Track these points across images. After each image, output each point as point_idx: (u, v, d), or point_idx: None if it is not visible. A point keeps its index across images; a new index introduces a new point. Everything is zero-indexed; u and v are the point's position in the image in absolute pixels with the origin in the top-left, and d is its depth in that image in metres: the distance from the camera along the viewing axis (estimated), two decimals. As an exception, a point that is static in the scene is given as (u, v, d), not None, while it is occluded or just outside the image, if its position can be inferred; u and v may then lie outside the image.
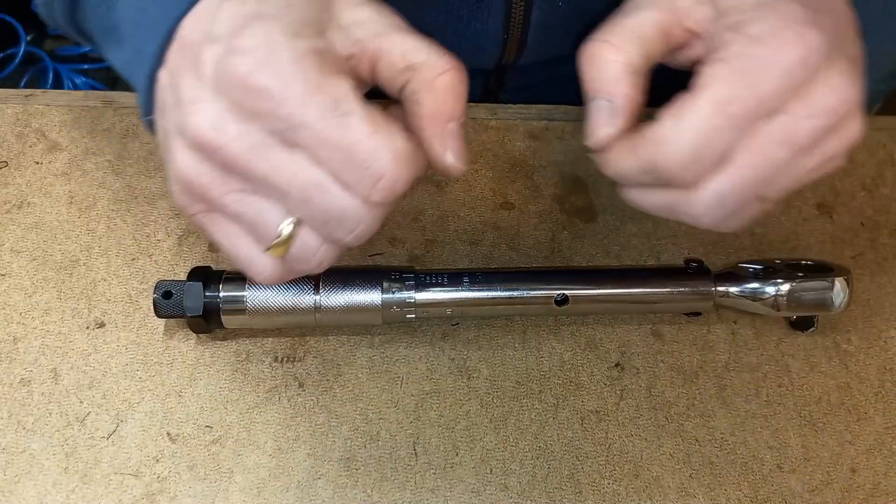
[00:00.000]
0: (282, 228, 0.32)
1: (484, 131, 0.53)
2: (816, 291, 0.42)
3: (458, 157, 0.33)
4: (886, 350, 0.46)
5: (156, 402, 0.43)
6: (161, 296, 0.41)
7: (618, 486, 0.41)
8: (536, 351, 0.45)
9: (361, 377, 0.44)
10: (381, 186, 0.30)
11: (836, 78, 0.31)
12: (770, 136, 0.31)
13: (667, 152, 0.31)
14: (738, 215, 0.33)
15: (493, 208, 0.50)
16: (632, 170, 0.34)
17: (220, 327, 0.42)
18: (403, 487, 0.41)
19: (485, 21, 0.49)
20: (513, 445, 0.42)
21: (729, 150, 0.31)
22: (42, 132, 0.51)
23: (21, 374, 0.43)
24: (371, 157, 0.30)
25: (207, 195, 0.32)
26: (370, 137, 0.30)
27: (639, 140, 0.33)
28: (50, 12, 0.40)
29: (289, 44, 0.29)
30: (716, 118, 0.30)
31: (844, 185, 0.52)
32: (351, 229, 0.31)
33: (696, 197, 0.32)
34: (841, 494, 0.42)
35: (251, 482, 0.41)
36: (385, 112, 0.32)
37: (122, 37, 0.37)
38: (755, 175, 0.32)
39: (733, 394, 0.45)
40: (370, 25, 0.33)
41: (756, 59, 0.30)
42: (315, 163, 0.30)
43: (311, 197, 0.31)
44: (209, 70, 0.30)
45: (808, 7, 0.31)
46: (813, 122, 0.31)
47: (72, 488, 0.40)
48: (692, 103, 0.31)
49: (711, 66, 0.31)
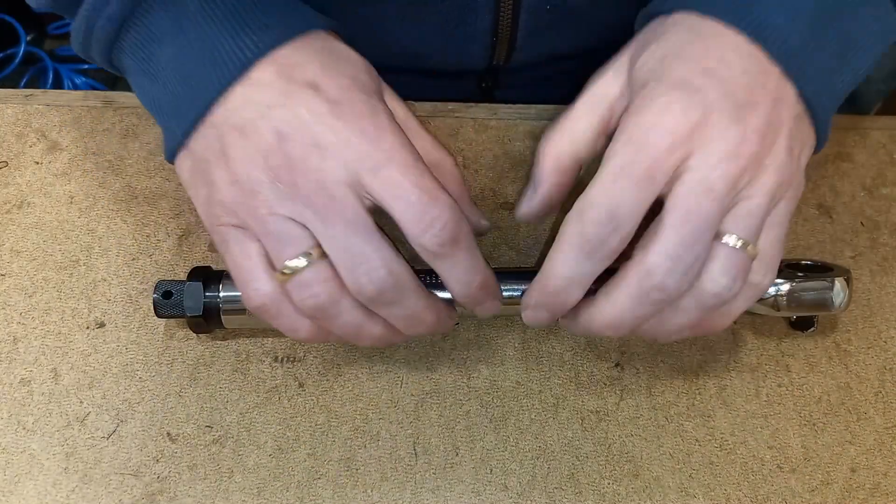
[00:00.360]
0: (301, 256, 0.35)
1: (484, 131, 0.53)
2: (816, 291, 0.42)
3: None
4: (886, 350, 0.47)
5: (156, 402, 0.43)
6: (161, 296, 0.41)
7: (618, 486, 0.42)
8: (536, 351, 0.45)
9: (361, 377, 0.44)
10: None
11: (724, 133, 0.33)
12: (688, 185, 0.33)
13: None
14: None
15: (493, 208, 0.50)
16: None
17: (221, 327, 0.42)
18: (403, 487, 0.41)
19: (473, 23, 0.49)
20: (513, 445, 0.42)
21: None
22: (42, 132, 0.51)
23: (21, 374, 0.43)
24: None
25: (250, 212, 0.35)
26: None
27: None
28: (86, 53, 0.41)
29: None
30: (616, 184, 0.33)
31: (844, 185, 0.52)
32: (369, 271, 0.34)
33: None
34: (841, 494, 0.42)
35: (251, 482, 0.41)
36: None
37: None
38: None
39: (733, 394, 0.45)
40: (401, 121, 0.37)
41: (637, 127, 0.34)
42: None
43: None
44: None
45: (694, 71, 0.34)
46: (721, 170, 0.33)
47: (72, 488, 0.40)
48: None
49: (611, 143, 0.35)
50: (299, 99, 0.34)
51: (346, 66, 0.37)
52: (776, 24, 0.35)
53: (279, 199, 0.34)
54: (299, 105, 0.34)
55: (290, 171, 0.34)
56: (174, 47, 0.36)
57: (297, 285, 0.35)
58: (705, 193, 0.33)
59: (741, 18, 0.35)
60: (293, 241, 0.34)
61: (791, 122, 0.35)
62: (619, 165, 0.33)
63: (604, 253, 0.34)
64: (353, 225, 0.34)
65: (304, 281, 0.35)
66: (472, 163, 0.51)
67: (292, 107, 0.34)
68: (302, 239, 0.34)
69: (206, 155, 0.36)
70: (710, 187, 0.33)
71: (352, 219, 0.34)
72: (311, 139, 0.34)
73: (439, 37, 0.51)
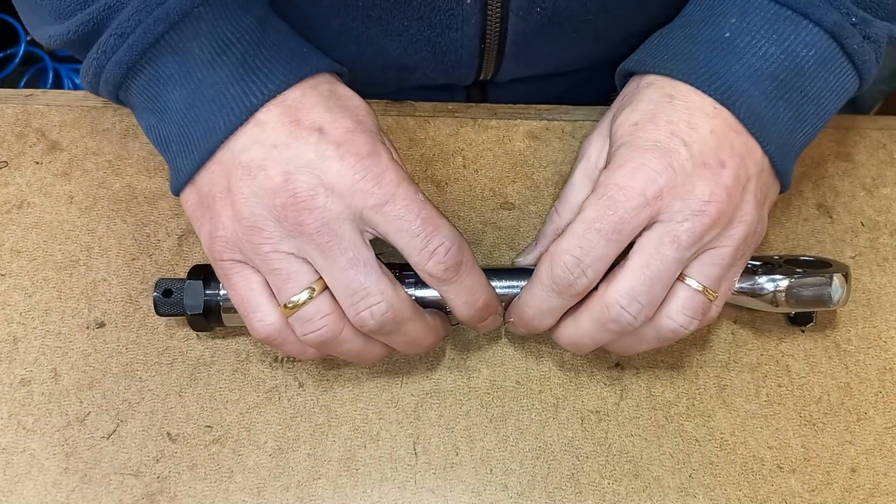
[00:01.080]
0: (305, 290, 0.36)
1: (484, 131, 0.53)
2: (815, 287, 0.42)
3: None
4: (886, 350, 0.47)
5: (156, 402, 0.43)
6: (161, 294, 0.41)
7: (618, 486, 0.42)
8: (536, 351, 0.45)
9: (361, 377, 0.44)
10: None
11: (698, 185, 0.36)
12: (656, 234, 0.37)
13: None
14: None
15: (493, 208, 0.50)
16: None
17: (221, 325, 0.42)
18: (403, 487, 0.41)
19: (459, 29, 0.49)
20: (513, 445, 0.42)
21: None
22: (42, 132, 0.51)
23: (21, 374, 0.43)
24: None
25: (252, 250, 0.37)
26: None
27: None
28: (95, 90, 0.42)
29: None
30: (586, 234, 0.36)
31: (844, 185, 0.52)
32: (370, 305, 0.36)
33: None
34: (841, 494, 0.42)
35: (251, 482, 0.41)
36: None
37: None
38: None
39: (733, 394, 0.45)
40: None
41: (609, 186, 0.37)
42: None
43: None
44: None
45: (665, 134, 0.37)
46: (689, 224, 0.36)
47: (72, 488, 0.40)
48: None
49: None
50: (306, 141, 0.36)
51: (348, 108, 0.38)
52: (742, 88, 0.38)
53: (282, 236, 0.36)
54: (306, 147, 0.36)
55: (296, 210, 0.35)
56: (182, 90, 0.38)
57: (299, 320, 0.37)
58: (670, 244, 0.36)
59: (710, 84, 0.38)
60: (296, 277, 0.36)
61: (756, 176, 0.38)
62: (591, 218, 0.36)
63: (571, 293, 0.37)
64: (354, 261, 0.36)
65: (307, 315, 0.36)
66: (472, 163, 0.51)
67: (299, 148, 0.36)
68: (304, 274, 0.36)
69: (212, 191, 0.37)
70: (675, 239, 0.36)
71: (353, 255, 0.36)
72: (317, 179, 0.35)
73: (425, 45, 0.50)
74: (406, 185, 0.36)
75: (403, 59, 0.51)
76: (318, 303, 0.36)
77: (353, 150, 0.36)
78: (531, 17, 0.48)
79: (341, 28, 0.48)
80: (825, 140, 0.54)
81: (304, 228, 0.35)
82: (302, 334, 0.37)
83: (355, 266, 0.36)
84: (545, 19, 0.48)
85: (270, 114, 0.37)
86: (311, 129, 0.36)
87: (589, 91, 0.61)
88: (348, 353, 0.39)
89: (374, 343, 0.39)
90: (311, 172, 0.35)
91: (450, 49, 0.50)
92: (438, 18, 0.48)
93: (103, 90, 0.40)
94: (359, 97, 0.40)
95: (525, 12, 0.47)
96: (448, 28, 0.49)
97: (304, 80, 0.38)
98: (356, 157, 0.36)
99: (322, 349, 0.38)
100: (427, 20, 0.48)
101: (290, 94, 0.37)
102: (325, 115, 0.37)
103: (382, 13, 0.48)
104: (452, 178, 0.51)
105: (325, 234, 0.35)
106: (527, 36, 0.50)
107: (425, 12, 0.47)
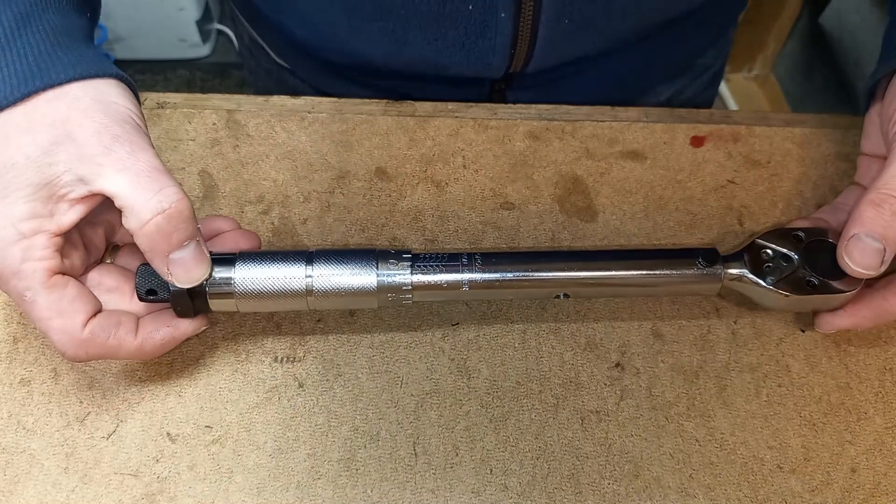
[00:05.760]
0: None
1: (484, 131, 0.53)
2: (825, 303, 0.43)
3: (187, 280, 0.38)
4: (886, 350, 0.47)
5: (156, 402, 0.43)
6: (142, 277, 0.39)
7: (618, 486, 0.41)
8: (536, 351, 0.45)
9: (361, 377, 0.44)
10: (67, 356, 0.38)
11: None
12: None
13: None
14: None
15: (493, 208, 0.50)
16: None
17: (208, 311, 0.41)
18: (403, 487, 0.41)
19: (492, 38, 0.53)
20: (513, 445, 0.42)
21: None
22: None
23: (21, 374, 0.43)
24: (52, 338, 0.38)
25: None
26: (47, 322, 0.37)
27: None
28: None
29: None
30: None
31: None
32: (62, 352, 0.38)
33: None
34: (841, 494, 0.42)
35: (251, 482, 0.41)
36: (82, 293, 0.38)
37: None
38: None
39: (733, 394, 0.45)
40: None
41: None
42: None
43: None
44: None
45: None
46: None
47: (72, 488, 0.40)
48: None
49: None
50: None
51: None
52: None
53: None
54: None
55: None
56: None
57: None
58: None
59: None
60: None
61: None
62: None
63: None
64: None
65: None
66: (472, 163, 0.52)
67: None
68: None
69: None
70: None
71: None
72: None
73: (460, 50, 0.54)
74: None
75: (439, 59, 0.56)
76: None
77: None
78: (560, 26, 0.52)
79: (383, 31, 0.53)
80: (825, 140, 0.54)
81: None
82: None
83: None
84: (573, 27, 0.53)
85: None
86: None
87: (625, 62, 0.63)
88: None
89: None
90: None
91: (483, 53, 0.54)
92: (474, 28, 0.52)
93: None
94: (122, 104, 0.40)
95: (554, 23, 0.52)
96: (482, 37, 0.53)
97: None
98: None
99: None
100: (463, 30, 0.52)
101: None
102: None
103: (423, 21, 0.52)
104: (452, 178, 0.51)
105: None
106: (554, 42, 0.54)
107: (462, 23, 0.52)
